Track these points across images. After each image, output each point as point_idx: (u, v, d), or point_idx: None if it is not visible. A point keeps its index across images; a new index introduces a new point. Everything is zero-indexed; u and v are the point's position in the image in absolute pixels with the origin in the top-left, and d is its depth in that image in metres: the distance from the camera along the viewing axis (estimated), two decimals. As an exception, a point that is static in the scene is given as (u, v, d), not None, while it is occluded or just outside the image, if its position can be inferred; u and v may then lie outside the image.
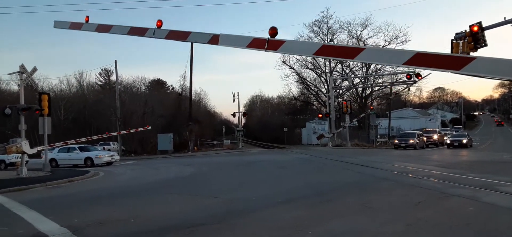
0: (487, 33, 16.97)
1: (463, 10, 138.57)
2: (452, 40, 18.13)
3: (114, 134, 36.32)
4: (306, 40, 60.76)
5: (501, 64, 4.47)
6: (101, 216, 8.45)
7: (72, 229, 7.06)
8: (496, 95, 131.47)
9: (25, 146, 19.10)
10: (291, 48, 6.67)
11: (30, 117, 24.87)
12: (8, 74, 48.51)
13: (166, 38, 8.53)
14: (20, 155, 19.75)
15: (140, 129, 32.88)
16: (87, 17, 10.57)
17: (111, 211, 9.16)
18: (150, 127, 32.35)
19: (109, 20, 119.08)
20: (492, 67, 4.58)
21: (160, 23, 8.57)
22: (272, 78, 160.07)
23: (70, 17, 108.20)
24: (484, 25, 17.04)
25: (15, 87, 49.06)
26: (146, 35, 8.98)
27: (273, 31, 6.28)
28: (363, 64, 60.06)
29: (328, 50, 6.03)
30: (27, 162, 20.56)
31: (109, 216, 8.43)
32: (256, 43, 6.64)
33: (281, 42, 6.33)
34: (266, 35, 6.38)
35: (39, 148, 21.94)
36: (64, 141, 25.57)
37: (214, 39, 7.29)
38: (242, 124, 59.58)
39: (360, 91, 61.73)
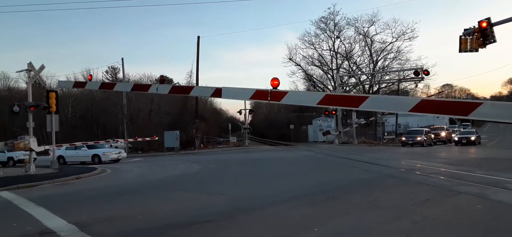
0: (496, 29, 16.81)
1: (472, 5, 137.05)
2: (460, 36, 17.99)
3: (121, 140, 36.57)
4: (313, 37, 60.72)
5: (509, 108, 4.45)
6: (108, 212, 8.50)
7: (79, 225, 7.11)
8: (505, 92, 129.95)
9: (33, 143, 19.27)
10: (294, 98, 6.61)
11: (38, 114, 25.12)
12: (16, 72, 48.83)
13: (169, 93, 8.58)
14: (28, 152, 19.93)
15: (147, 138, 33.17)
16: (91, 75, 10.88)
17: (118, 208, 9.21)
18: (156, 137, 32.71)
19: (114, 16, 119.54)
20: (500, 112, 4.60)
21: (162, 78, 8.71)
22: (279, 75, 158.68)
23: (76, 14, 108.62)
24: (493, 21, 16.87)
25: (23, 85, 49.40)
26: (149, 91, 9.05)
27: (275, 81, 6.31)
28: (371, 61, 59.82)
29: (332, 100, 5.89)
30: (35, 159, 20.75)
31: (116, 213, 8.48)
32: (259, 95, 6.66)
33: (284, 93, 6.31)
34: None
35: (47, 147, 22.12)
36: (71, 142, 25.86)
37: (217, 93, 7.24)
38: (248, 121, 59.58)
39: (367, 88, 61.39)
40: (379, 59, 59.14)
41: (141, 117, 45.30)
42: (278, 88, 6.16)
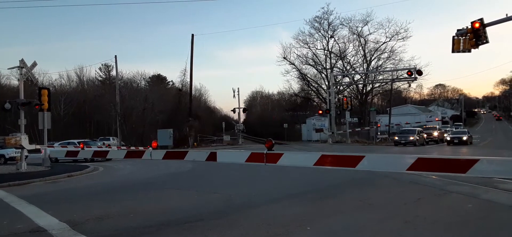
0: (488, 29, 16.96)
1: (466, 5, 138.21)
2: (453, 36, 18.12)
3: (114, 144, 36.40)
4: (307, 36, 60.82)
5: (507, 164, 4.45)
6: (100, 211, 8.45)
7: (71, 224, 7.05)
8: (497, 92, 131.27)
9: (24, 140, 19.10)
10: (289, 160, 6.54)
11: (30, 112, 24.91)
12: (8, 68, 48.37)
13: (163, 159, 8.63)
14: (20, 149, 19.75)
15: (140, 148, 33.13)
16: (82, 143, 10.99)
17: (110, 206, 9.16)
18: (150, 148, 32.70)
19: (108, 13, 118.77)
20: (496, 168, 4.61)
21: (155, 144, 8.76)
22: (273, 74, 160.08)
23: (69, 10, 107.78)
24: (485, 21, 17.02)
25: (15, 82, 49.04)
26: (143, 157, 9.11)
27: (269, 143, 6.35)
28: (364, 60, 60.08)
29: (328, 160, 5.80)
30: (26, 156, 20.57)
31: (108, 211, 8.43)
32: (254, 157, 6.70)
33: (280, 154, 6.29)
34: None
35: (38, 146, 21.92)
36: (63, 140, 25.69)
37: (212, 156, 7.32)
38: (242, 120, 59.57)
39: (361, 88, 61.64)
40: (372, 59, 59.51)
41: (134, 116, 45.07)
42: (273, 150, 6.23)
